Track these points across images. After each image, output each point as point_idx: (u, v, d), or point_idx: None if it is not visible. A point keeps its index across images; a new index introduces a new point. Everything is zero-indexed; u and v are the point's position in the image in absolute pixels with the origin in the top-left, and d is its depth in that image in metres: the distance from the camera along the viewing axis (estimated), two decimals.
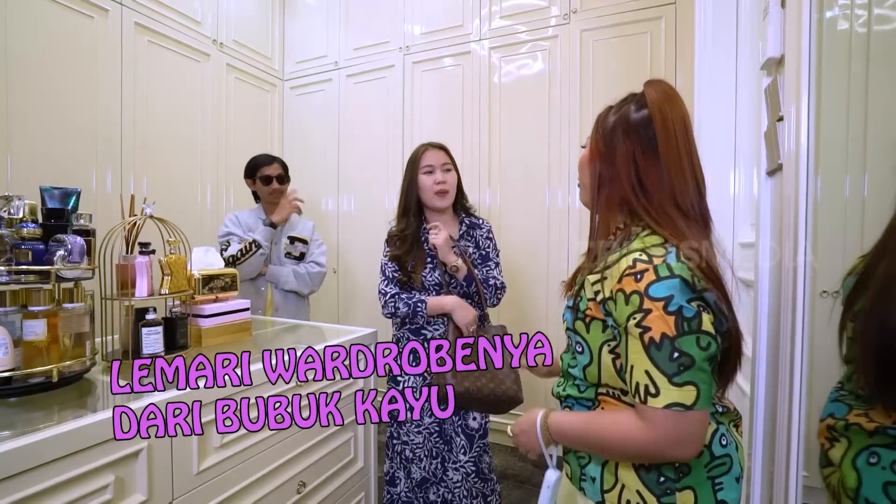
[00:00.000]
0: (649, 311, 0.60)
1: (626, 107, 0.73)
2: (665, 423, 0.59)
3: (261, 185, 1.96)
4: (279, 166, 2.00)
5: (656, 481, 0.67)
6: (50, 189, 0.99)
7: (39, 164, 1.81)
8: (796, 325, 0.69)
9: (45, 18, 1.83)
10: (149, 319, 1.07)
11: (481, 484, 1.41)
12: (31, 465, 0.67)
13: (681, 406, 0.59)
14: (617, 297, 0.64)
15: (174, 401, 0.88)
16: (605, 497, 0.71)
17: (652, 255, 0.63)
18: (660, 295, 0.60)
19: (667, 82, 0.73)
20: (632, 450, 0.64)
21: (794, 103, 0.70)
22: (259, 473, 1.07)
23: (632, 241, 0.68)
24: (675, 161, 0.68)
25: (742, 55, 1.46)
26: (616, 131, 0.72)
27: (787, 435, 0.70)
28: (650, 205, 0.68)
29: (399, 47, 2.67)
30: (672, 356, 0.59)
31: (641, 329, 0.61)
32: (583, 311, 0.71)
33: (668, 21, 2.05)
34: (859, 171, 1.22)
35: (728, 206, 1.47)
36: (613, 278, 0.65)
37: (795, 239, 0.69)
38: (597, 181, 0.74)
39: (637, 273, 0.62)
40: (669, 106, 0.69)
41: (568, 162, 2.25)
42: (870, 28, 1.20)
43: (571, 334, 0.76)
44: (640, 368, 0.62)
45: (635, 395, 0.62)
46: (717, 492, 0.67)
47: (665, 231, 0.66)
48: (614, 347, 0.68)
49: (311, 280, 1.99)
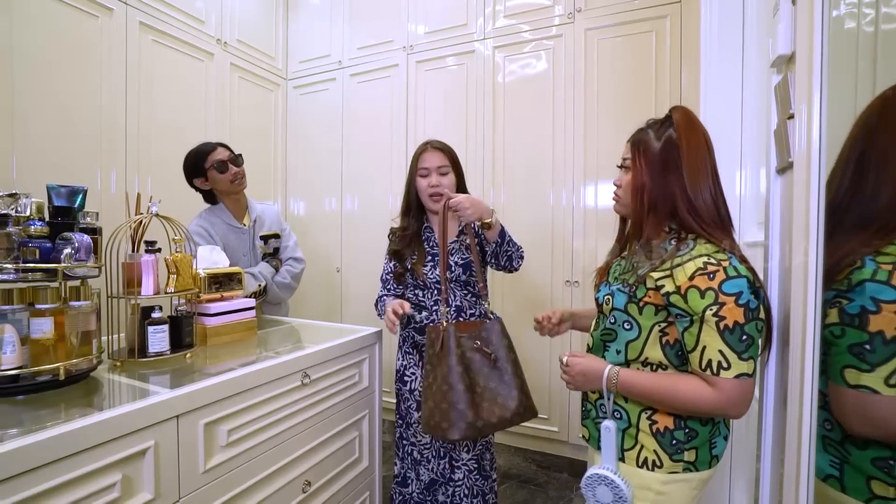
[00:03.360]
0: (724, 303, 0.75)
1: (666, 131, 0.87)
2: (733, 389, 0.76)
3: (217, 176, 1.68)
4: (225, 148, 1.74)
5: (670, 444, 0.84)
6: (57, 187, 0.99)
7: (44, 164, 1.81)
8: (807, 325, 0.68)
9: (49, 18, 1.84)
10: (155, 318, 1.08)
11: (482, 482, 1.40)
12: (39, 464, 0.67)
13: (745, 375, 0.76)
14: (689, 292, 0.78)
15: (181, 399, 0.88)
16: (626, 455, 0.88)
17: (719, 260, 0.78)
18: (732, 291, 0.76)
19: (688, 108, 0.89)
20: (702, 408, 0.79)
21: (806, 101, 0.69)
22: (265, 472, 1.07)
23: (691, 247, 0.82)
24: (710, 176, 0.84)
25: (748, 54, 1.45)
26: (660, 154, 0.86)
27: (798, 437, 0.69)
28: (699, 217, 0.83)
29: (403, 46, 2.67)
30: (741, 338, 0.75)
31: (718, 318, 0.76)
32: (640, 297, 0.86)
33: (674, 20, 2.04)
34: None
35: (734, 206, 1.46)
36: (685, 276, 0.79)
37: (806, 237, 0.68)
38: (646, 198, 0.87)
39: (709, 273, 0.77)
40: (694, 131, 0.85)
41: (572, 162, 2.25)
42: (877, 27, 1.19)
43: (620, 314, 0.90)
44: (713, 348, 0.77)
45: (706, 369, 0.78)
46: (712, 449, 0.86)
47: (714, 239, 0.81)
48: (665, 328, 0.85)
49: (294, 283, 1.87)
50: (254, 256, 1.82)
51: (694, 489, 0.86)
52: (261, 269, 1.77)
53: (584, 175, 2.23)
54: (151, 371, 1.04)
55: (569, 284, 2.25)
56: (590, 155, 2.21)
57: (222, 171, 1.68)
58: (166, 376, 1.01)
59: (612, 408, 0.90)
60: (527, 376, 1.28)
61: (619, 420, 0.90)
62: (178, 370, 1.05)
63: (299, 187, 3.06)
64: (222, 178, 1.69)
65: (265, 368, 1.07)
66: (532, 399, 1.22)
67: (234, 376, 1.00)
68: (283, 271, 1.84)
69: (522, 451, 2.37)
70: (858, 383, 0.69)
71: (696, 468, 0.85)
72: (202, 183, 1.72)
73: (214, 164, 1.68)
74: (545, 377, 2.29)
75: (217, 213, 1.74)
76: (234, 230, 1.75)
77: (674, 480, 0.85)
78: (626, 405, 0.90)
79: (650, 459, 0.85)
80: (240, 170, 1.73)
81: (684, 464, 0.84)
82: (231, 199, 1.76)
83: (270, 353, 1.20)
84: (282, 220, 1.96)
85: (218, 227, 1.72)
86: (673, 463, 0.84)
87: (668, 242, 0.86)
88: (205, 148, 1.71)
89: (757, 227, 1.36)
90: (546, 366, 2.29)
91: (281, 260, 1.88)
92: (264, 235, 1.84)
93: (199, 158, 1.69)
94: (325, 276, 2.93)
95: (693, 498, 0.87)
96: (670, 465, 0.84)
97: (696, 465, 0.85)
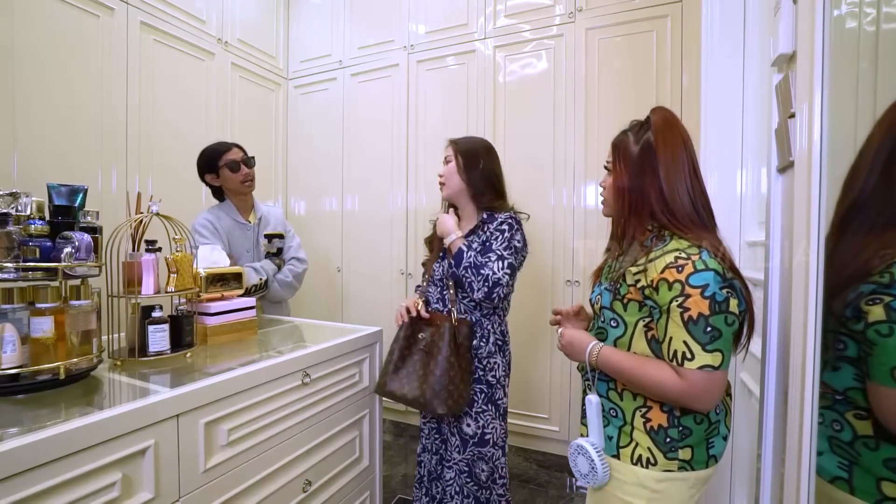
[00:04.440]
0: (689, 295, 0.77)
1: (645, 134, 0.89)
2: (697, 380, 0.77)
3: (228, 174, 1.75)
4: (239, 149, 1.81)
5: (664, 441, 0.85)
6: (57, 186, 0.99)
7: (45, 163, 1.82)
8: (808, 325, 0.68)
9: (51, 17, 1.84)
10: (155, 317, 1.08)
11: (475, 488, 1.36)
12: (39, 463, 0.67)
13: (710, 367, 0.76)
14: (660, 285, 0.80)
15: (181, 398, 0.88)
16: (620, 451, 0.89)
17: (689, 254, 0.80)
18: (698, 283, 0.77)
19: (667, 109, 0.91)
20: (668, 395, 0.81)
21: (807, 100, 0.69)
22: (265, 472, 1.07)
23: (666, 243, 0.84)
24: (688, 177, 0.86)
25: (749, 54, 1.45)
26: (638, 157, 0.88)
27: (799, 437, 0.69)
28: (673, 217, 0.85)
29: (403, 46, 2.67)
30: (705, 330, 0.76)
31: (682, 309, 0.78)
32: (623, 294, 0.88)
33: (675, 20, 2.04)
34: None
35: (735, 205, 1.46)
36: (656, 270, 0.81)
37: (808, 236, 0.68)
38: (626, 199, 0.90)
39: (678, 266, 0.79)
40: (670, 132, 0.87)
41: (573, 161, 2.25)
42: (878, 27, 1.19)
43: (607, 312, 0.92)
44: (678, 339, 0.79)
45: (672, 360, 0.79)
46: (709, 449, 0.86)
47: (689, 236, 0.83)
48: (648, 323, 0.86)
49: (295, 282, 1.91)
50: (257, 253, 1.86)
51: (691, 488, 0.86)
52: (263, 265, 1.80)
53: (584, 175, 2.23)
54: (152, 370, 1.04)
55: (569, 284, 2.25)
56: (590, 154, 2.21)
57: (234, 171, 1.76)
58: (166, 376, 1.01)
59: (597, 385, 0.95)
60: (526, 375, 1.28)
61: (615, 418, 0.91)
62: (178, 369, 1.05)
63: (300, 187, 3.06)
64: (233, 177, 1.76)
65: (265, 368, 1.07)
66: (443, 403, 1.27)
67: (235, 376, 1.00)
68: (285, 270, 1.87)
69: (523, 451, 2.37)
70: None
71: (692, 467, 0.85)
72: (213, 179, 1.79)
73: (228, 163, 1.75)
74: (545, 377, 2.29)
75: (224, 208, 1.82)
76: (239, 226, 1.81)
77: (669, 479, 0.85)
78: (621, 403, 0.91)
79: (644, 457, 0.86)
80: (251, 171, 1.81)
81: (679, 462, 0.85)
82: (238, 198, 1.83)
83: (271, 353, 1.20)
84: (286, 222, 2.00)
85: (224, 221, 1.78)
86: (667, 461, 0.85)
87: (648, 240, 0.88)
88: (221, 147, 1.78)
89: (758, 227, 1.36)
90: (546, 365, 2.29)
91: (284, 260, 1.91)
92: (268, 234, 1.89)
93: (214, 156, 1.77)
94: (325, 276, 2.93)
95: (691, 497, 0.87)
96: (665, 463, 0.85)
97: (692, 463, 0.85)
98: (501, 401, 1.38)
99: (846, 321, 0.72)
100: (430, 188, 2.58)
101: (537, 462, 2.27)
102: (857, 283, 0.71)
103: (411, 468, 2.22)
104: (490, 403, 1.35)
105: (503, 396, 1.38)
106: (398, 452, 2.40)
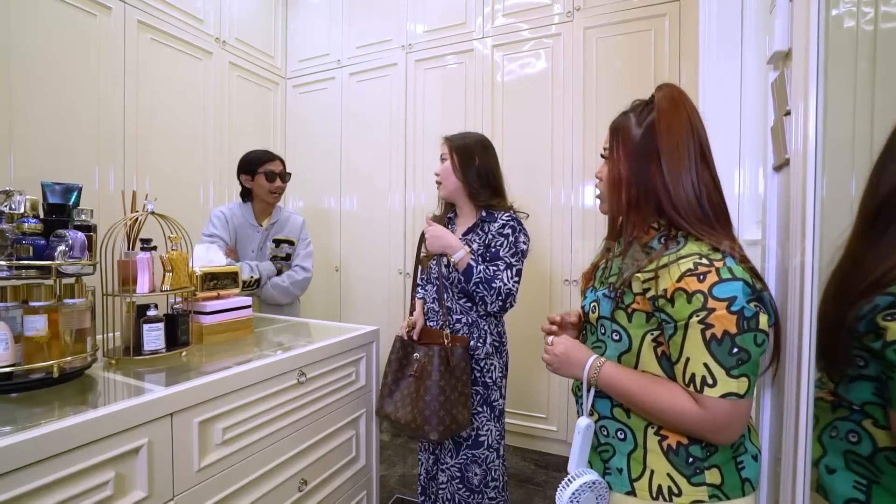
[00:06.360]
0: (713, 309, 0.64)
1: (649, 115, 0.76)
2: (720, 409, 0.65)
3: (263, 182, 1.87)
4: (280, 163, 1.93)
5: (686, 462, 0.71)
6: (51, 184, 0.99)
7: (42, 162, 1.81)
8: (804, 325, 0.68)
9: (48, 16, 1.83)
10: (150, 316, 1.07)
11: (467, 493, 1.33)
12: (32, 461, 0.67)
13: (735, 395, 0.64)
14: (676, 296, 0.67)
15: (175, 397, 0.88)
16: (635, 486, 0.74)
17: (712, 259, 0.67)
18: (724, 295, 0.64)
19: (674, 85, 0.77)
20: (685, 426, 0.69)
21: (802, 97, 0.69)
22: (260, 471, 1.07)
23: (681, 245, 0.71)
24: (694, 165, 0.73)
25: (747, 53, 1.44)
26: (640, 142, 0.76)
27: (794, 437, 0.69)
28: (679, 213, 0.73)
29: (402, 45, 2.67)
30: (731, 351, 0.64)
31: (704, 325, 0.65)
32: (627, 303, 0.75)
33: (672, 19, 2.04)
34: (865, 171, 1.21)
35: (733, 204, 1.45)
36: (671, 277, 0.68)
37: (803, 235, 0.68)
38: (625, 192, 0.77)
39: (699, 274, 0.66)
40: (676, 112, 0.74)
41: (571, 161, 2.24)
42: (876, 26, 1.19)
43: (608, 322, 0.79)
44: (697, 361, 0.66)
45: (689, 384, 0.67)
46: (740, 471, 0.72)
47: (706, 236, 0.71)
48: (657, 336, 0.73)
49: (293, 289, 1.93)
50: (261, 255, 1.92)
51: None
52: (261, 264, 1.84)
53: (583, 174, 2.22)
54: (146, 369, 1.04)
55: (567, 283, 2.25)
56: (589, 153, 2.21)
57: (270, 181, 1.88)
58: (161, 374, 1.01)
59: (591, 408, 0.81)
60: (524, 375, 1.28)
61: (623, 441, 0.77)
62: (173, 368, 1.05)
63: (298, 186, 3.06)
64: (266, 185, 1.88)
65: (261, 366, 1.07)
66: (434, 429, 1.21)
67: (230, 374, 0.99)
68: (284, 275, 1.92)
69: (521, 451, 2.36)
70: None
71: (726, 495, 0.70)
72: (247, 180, 1.91)
73: (266, 172, 1.87)
74: (543, 377, 2.28)
75: (242, 208, 1.93)
76: (250, 226, 1.91)
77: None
78: (629, 421, 0.77)
79: (665, 486, 0.71)
80: (283, 185, 1.93)
81: (709, 488, 0.70)
82: (261, 204, 1.93)
83: (266, 352, 1.20)
84: (304, 231, 2.04)
85: (237, 218, 1.89)
86: (693, 488, 0.70)
87: (655, 241, 0.76)
88: (266, 156, 1.91)
89: (756, 226, 1.36)
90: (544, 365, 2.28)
91: (290, 266, 1.97)
92: (277, 239, 1.95)
93: (256, 161, 1.89)
94: (323, 276, 2.93)
95: None
96: (692, 492, 0.70)
97: (724, 490, 0.70)
98: (497, 402, 1.36)
99: (861, 336, 0.64)
100: (429, 187, 2.58)
101: (535, 462, 2.26)
102: (873, 294, 0.63)
103: (409, 468, 2.22)
104: (486, 405, 1.34)
105: (500, 398, 1.37)
106: (395, 452, 2.40)
